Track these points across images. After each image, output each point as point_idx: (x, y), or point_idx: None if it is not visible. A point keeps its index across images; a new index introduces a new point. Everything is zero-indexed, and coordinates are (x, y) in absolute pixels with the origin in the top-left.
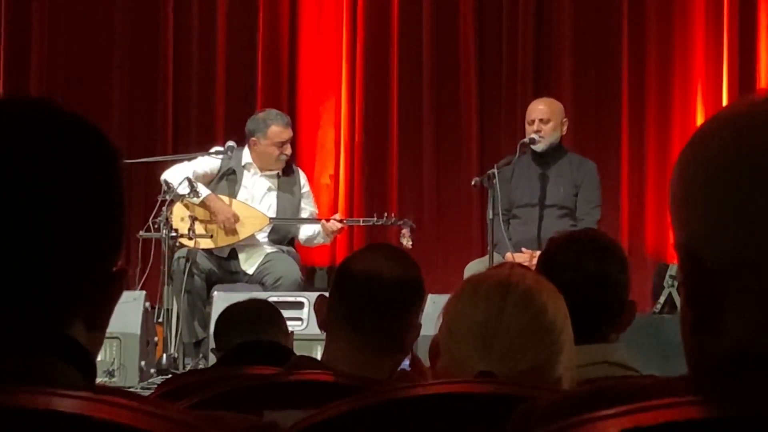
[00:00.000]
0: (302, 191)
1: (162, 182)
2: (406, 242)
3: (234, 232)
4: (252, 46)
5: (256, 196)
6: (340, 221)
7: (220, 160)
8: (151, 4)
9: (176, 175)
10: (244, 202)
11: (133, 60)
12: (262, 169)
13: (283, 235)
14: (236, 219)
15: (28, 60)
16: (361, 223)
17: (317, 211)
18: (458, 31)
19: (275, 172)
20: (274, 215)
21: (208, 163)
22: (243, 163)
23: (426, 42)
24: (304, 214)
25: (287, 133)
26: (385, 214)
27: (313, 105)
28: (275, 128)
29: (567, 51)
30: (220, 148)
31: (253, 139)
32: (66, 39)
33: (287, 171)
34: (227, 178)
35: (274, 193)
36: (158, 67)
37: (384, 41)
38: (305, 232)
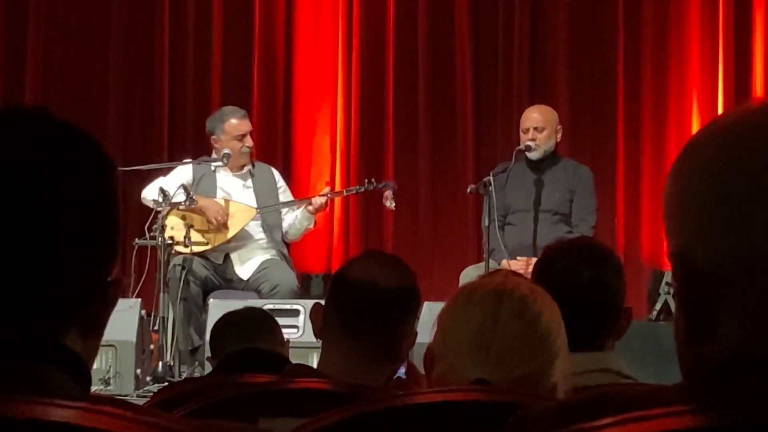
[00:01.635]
0: (278, 186)
1: (158, 191)
2: (390, 204)
3: (226, 226)
4: (248, 52)
5: (234, 196)
6: (326, 194)
7: (191, 170)
8: (146, 13)
9: (153, 190)
10: (229, 200)
11: (128, 70)
12: (231, 169)
13: (271, 228)
14: (226, 210)
15: (23, 67)
16: (345, 194)
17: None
18: (454, 38)
19: (247, 170)
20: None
21: (181, 174)
22: (213, 168)
23: (422, 49)
24: (284, 210)
25: (245, 125)
26: (366, 180)
27: (309, 112)
28: (232, 121)
29: (562, 58)
30: (189, 160)
31: (214, 137)
32: (62, 47)
33: (259, 168)
34: (202, 185)
35: (250, 189)
36: (154, 76)
37: (380, 48)
38: (287, 221)
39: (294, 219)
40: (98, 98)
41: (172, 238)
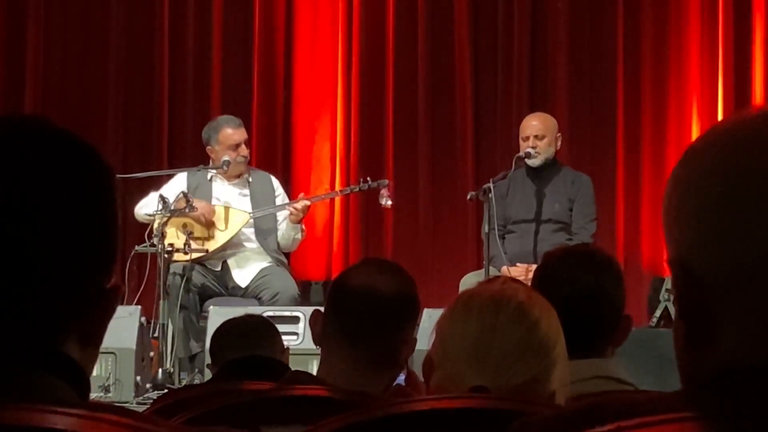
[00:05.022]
0: (276, 194)
1: (156, 200)
2: (386, 202)
3: (216, 226)
4: (247, 60)
5: (231, 204)
6: (301, 200)
7: (186, 179)
8: (146, 22)
9: (150, 203)
10: (221, 205)
11: (128, 77)
12: (228, 178)
13: (265, 234)
14: (214, 210)
15: (22, 75)
16: (339, 194)
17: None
18: (454, 45)
19: (244, 178)
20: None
21: (176, 184)
22: (209, 177)
23: (421, 56)
24: (280, 218)
25: (239, 134)
26: (361, 180)
27: (309, 119)
28: (226, 131)
29: (562, 65)
30: (184, 169)
31: (209, 147)
32: (61, 54)
33: (257, 175)
34: (197, 194)
35: (247, 198)
36: (153, 84)
37: (380, 56)
38: (279, 231)
39: (283, 229)
40: (97, 106)
41: (171, 245)
